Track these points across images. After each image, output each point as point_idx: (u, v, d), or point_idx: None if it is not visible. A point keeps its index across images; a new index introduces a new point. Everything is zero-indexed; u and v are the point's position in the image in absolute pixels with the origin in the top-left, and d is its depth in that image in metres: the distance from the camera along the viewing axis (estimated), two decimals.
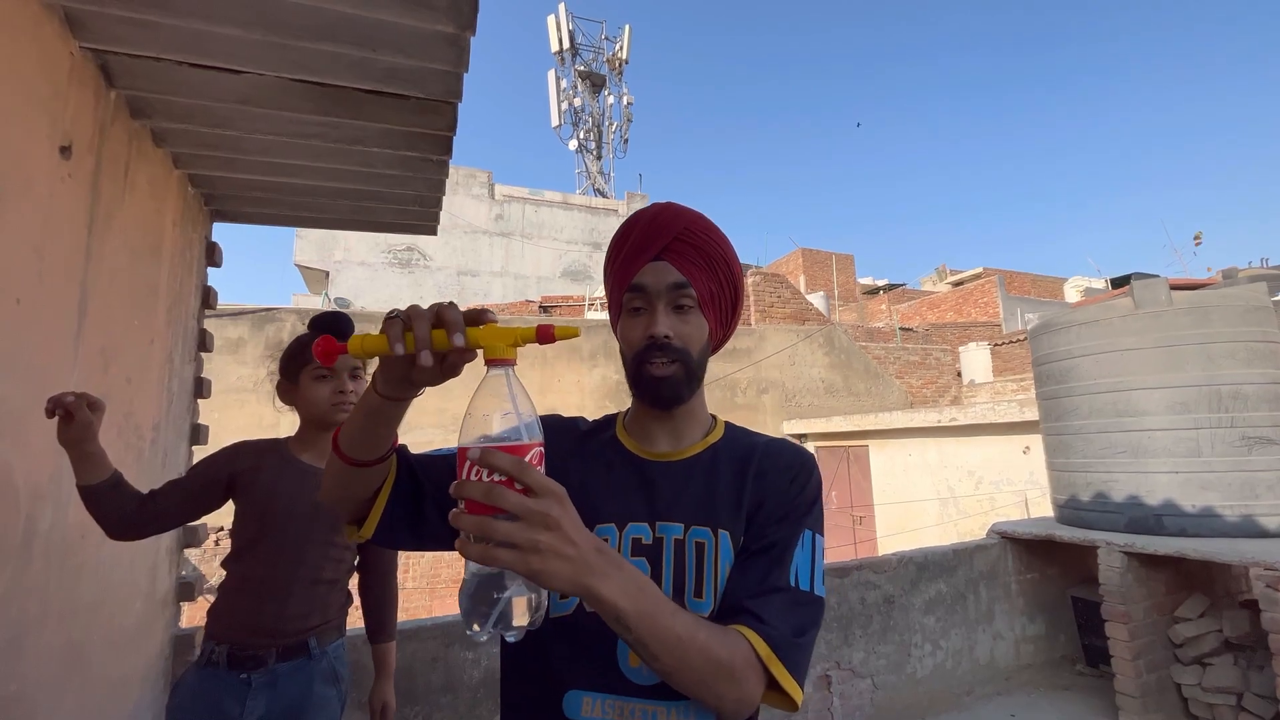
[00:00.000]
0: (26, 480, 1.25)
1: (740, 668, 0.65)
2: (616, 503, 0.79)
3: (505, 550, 0.52)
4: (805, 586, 0.73)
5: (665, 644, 0.60)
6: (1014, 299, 17.96)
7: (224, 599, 1.37)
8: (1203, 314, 3.00)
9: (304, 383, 1.42)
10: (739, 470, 0.80)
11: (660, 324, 0.77)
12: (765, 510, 0.77)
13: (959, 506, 7.56)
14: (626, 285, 0.80)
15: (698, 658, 0.62)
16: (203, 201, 2.27)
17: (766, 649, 0.66)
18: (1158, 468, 2.99)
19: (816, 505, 0.80)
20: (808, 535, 0.76)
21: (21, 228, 1.21)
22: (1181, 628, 2.89)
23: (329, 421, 1.43)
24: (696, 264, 0.80)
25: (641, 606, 0.59)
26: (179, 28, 1.36)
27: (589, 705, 0.71)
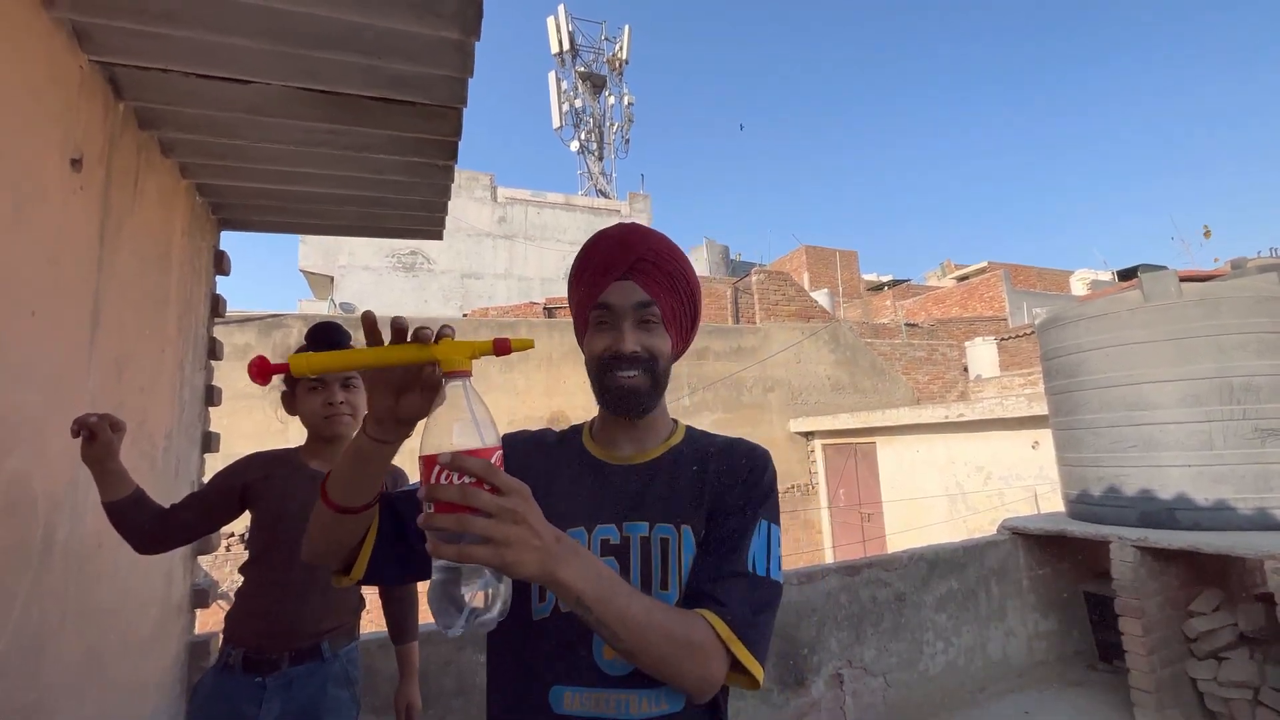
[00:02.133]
0: (44, 489, 1.27)
1: (700, 646, 0.69)
2: (585, 507, 0.84)
3: (480, 547, 0.56)
4: (761, 572, 0.78)
5: (624, 624, 0.65)
6: (1020, 293, 17.87)
7: (240, 604, 1.40)
8: (1213, 305, 2.98)
9: (300, 395, 1.46)
10: (698, 470, 0.86)
11: (627, 341, 0.83)
12: (723, 504, 0.83)
13: (968, 503, 7.52)
14: (593, 302, 0.85)
15: (656, 636, 0.67)
16: (210, 210, 2.29)
17: (726, 629, 0.71)
18: (1170, 461, 2.97)
19: (771, 497, 0.85)
20: (763, 525, 0.81)
21: (36, 240, 1.23)
22: (1196, 622, 2.86)
23: (322, 433, 1.46)
24: (660, 284, 0.85)
25: (600, 590, 0.64)
26: (187, 39, 1.37)
27: (570, 699, 0.75)
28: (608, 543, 0.81)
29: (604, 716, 0.74)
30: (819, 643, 2.89)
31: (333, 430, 1.46)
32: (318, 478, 1.40)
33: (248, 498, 1.42)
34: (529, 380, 9.07)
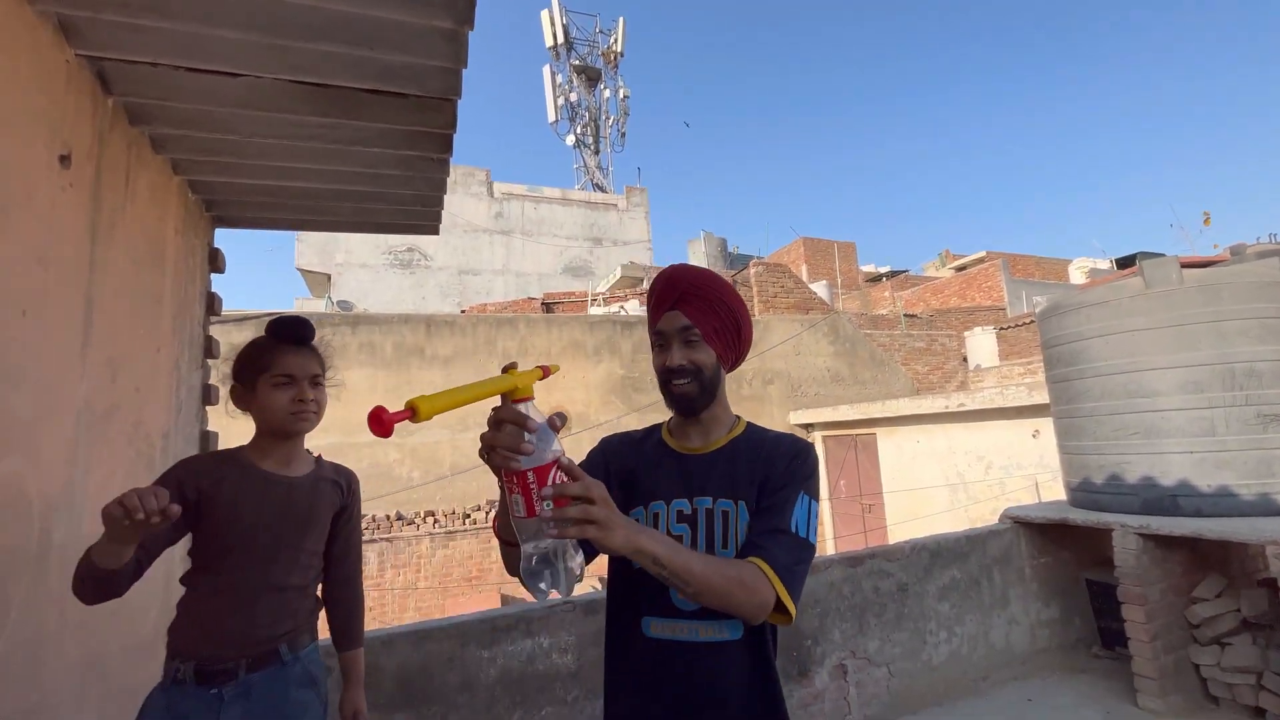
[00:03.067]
0: (40, 492, 1.25)
1: (751, 581, 0.92)
2: (664, 486, 1.10)
3: (591, 526, 0.79)
4: (802, 534, 1.00)
5: (690, 572, 0.88)
6: (1018, 282, 17.85)
7: (186, 614, 1.30)
8: (1214, 292, 2.97)
9: (262, 390, 1.34)
10: (754, 456, 1.08)
11: (675, 357, 1.08)
12: (772, 480, 1.04)
13: (969, 492, 7.54)
14: (653, 329, 1.13)
15: (716, 579, 0.90)
16: (204, 207, 2.26)
17: (771, 571, 0.93)
18: (1172, 448, 2.96)
19: (813, 478, 1.06)
20: (804, 497, 1.03)
21: (25, 239, 1.20)
22: (1199, 608, 2.87)
23: (287, 430, 1.36)
24: (700, 310, 1.09)
25: (669, 552, 0.88)
26: (175, 31, 1.34)
27: (655, 626, 1.03)
28: (681, 513, 1.07)
29: (678, 639, 1.01)
30: (822, 634, 2.89)
31: (297, 427, 1.36)
32: (270, 480, 1.35)
33: (201, 506, 1.29)
34: None
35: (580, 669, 2.40)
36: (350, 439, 8.03)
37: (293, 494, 1.37)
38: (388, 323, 8.60)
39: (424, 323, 8.81)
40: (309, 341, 1.40)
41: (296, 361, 1.36)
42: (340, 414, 8.79)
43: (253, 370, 1.35)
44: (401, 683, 2.16)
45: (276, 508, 1.33)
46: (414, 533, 7.94)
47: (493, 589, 8.07)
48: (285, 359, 1.34)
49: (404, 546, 7.86)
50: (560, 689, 2.37)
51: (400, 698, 2.15)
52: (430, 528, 8.01)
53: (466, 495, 8.42)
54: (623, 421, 9.29)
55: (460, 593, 7.93)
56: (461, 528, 8.13)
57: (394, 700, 2.14)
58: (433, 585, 7.91)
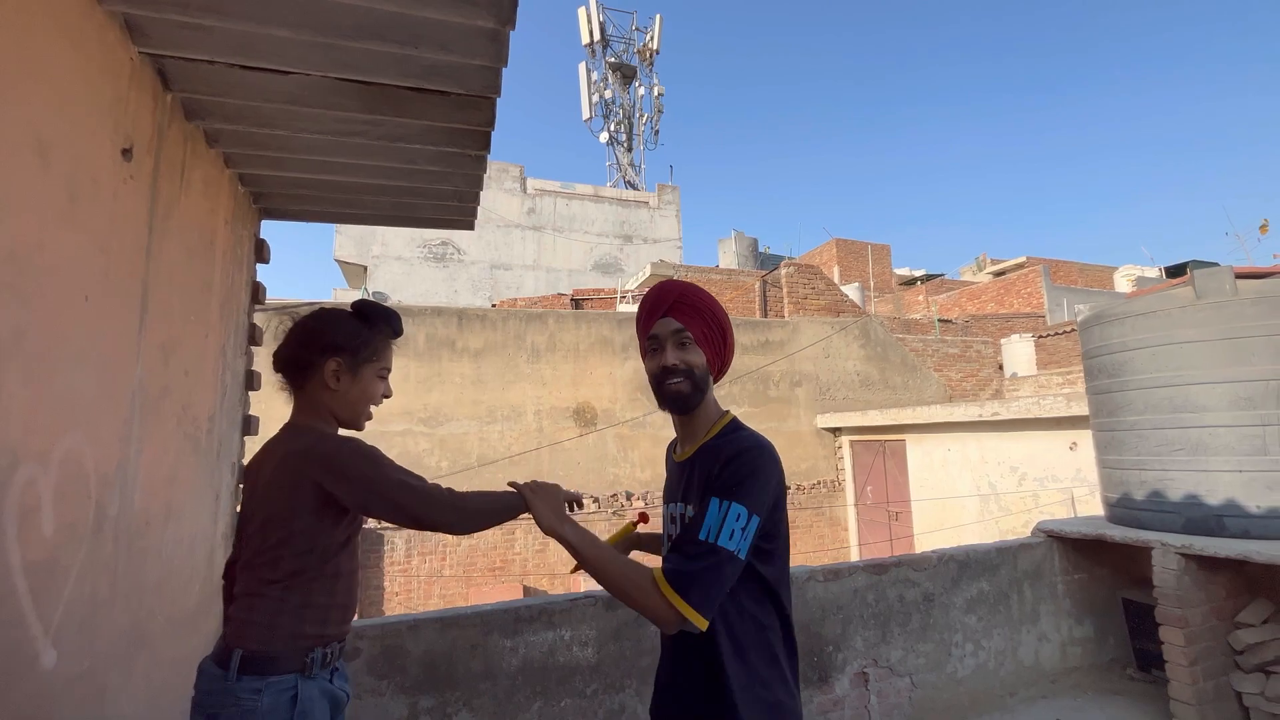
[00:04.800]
0: (96, 468, 1.32)
1: (642, 586, 1.02)
2: (669, 491, 1.28)
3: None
4: (711, 539, 1.02)
5: (599, 571, 1.07)
6: (1059, 289, 17.29)
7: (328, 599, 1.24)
8: (1271, 304, 2.83)
9: (366, 377, 1.32)
10: (708, 461, 1.13)
11: (669, 357, 1.18)
12: (707, 486, 1.09)
13: (1000, 503, 7.34)
14: (647, 335, 1.23)
15: (617, 580, 1.05)
16: (252, 200, 2.34)
17: (660, 578, 1.01)
18: (1219, 466, 2.85)
19: (743, 484, 1.05)
20: (723, 504, 1.04)
21: (89, 228, 1.27)
22: (1243, 634, 2.75)
23: (361, 420, 1.35)
24: (690, 316, 1.20)
25: (584, 545, 1.10)
26: (231, 30, 1.40)
27: None
28: (672, 516, 1.22)
29: None
30: (844, 640, 2.86)
31: (364, 424, 1.36)
32: None
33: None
34: (556, 371, 9.13)
35: (600, 663, 2.42)
36: (383, 427, 8.22)
37: None
38: (421, 314, 8.77)
39: (456, 315, 8.96)
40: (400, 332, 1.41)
41: (392, 356, 1.39)
42: None
43: (363, 354, 1.31)
44: (427, 666, 2.21)
45: None
46: None
47: (516, 580, 8.18)
48: (389, 353, 1.37)
49: (430, 535, 8.02)
50: (580, 682, 2.39)
51: (425, 681, 2.20)
52: None
53: (492, 486, 8.51)
54: (649, 419, 9.31)
55: (484, 582, 8.06)
56: None
57: (419, 683, 2.20)
58: (457, 574, 8.05)
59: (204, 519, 1.97)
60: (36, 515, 1.13)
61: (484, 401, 8.74)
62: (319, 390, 1.29)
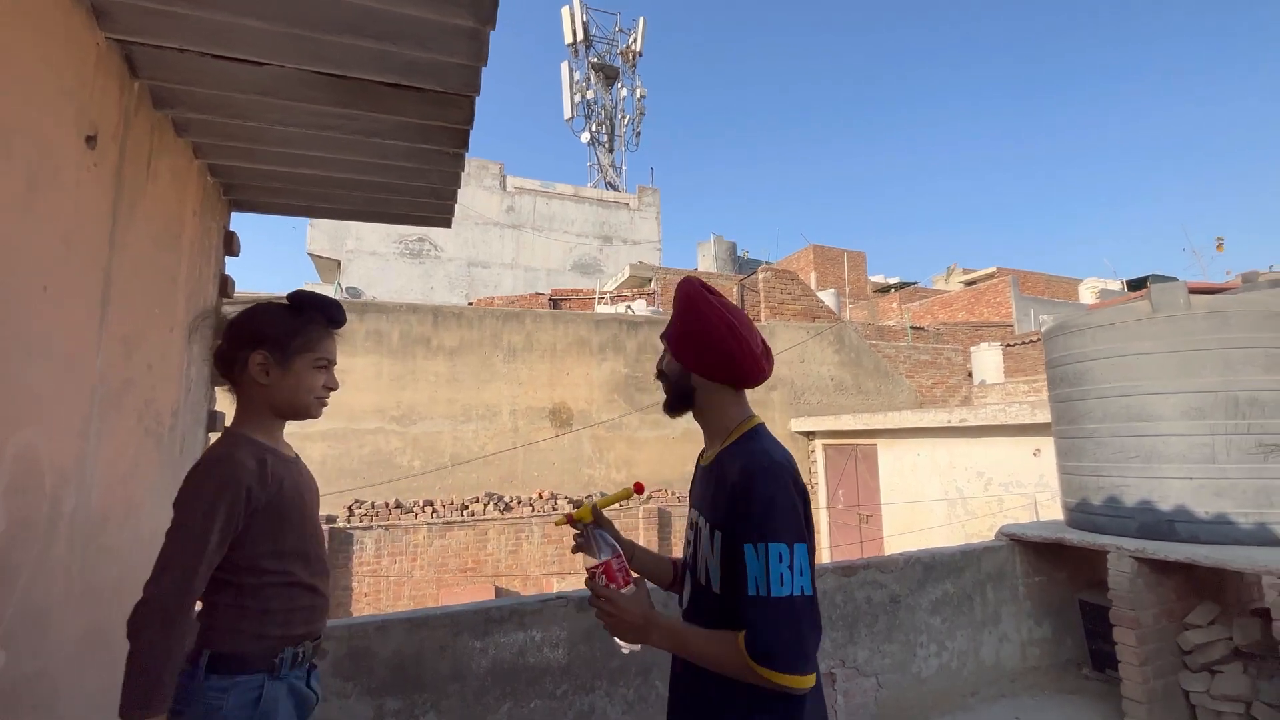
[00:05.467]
0: (52, 463, 1.28)
1: (742, 669, 0.97)
2: (692, 496, 1.26)
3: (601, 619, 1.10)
4: (762, 592, 0.96)
5: (694, 656, 1.04)
6: (1027, 299, 17.78)
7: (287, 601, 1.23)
8: (1221, 319, 2.96)
9: (299, 368, 1.28)
10: (719, 480, 1.09)
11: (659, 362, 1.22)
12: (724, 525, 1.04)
13: (967, 507, 7.52)
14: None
15: (714, 663, 1.01)
16: (221, 191, 2.30)
17: (748, 656, 0.95)
18: (1171, 473, 2.96)
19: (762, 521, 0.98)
20: (754, 549, 0.97)
21: (50, 216, 1.23)
22: (1191, 634, 2.86)
23: (309, 414, 1.32)
24: (671, 322, 1.19)
25: (674, 646, 1.07)
26: (203, 19, 1.37)
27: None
28: (691, 521, 1.21)
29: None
30: None
31: (317, 412, 1.33)
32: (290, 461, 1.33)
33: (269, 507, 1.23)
34: (532, 371, 9.08)
35: (571, 664, 2.42)
36: (353, 425, 8.08)
37: (306, 473, 1.40)
38: (395, 311, 8.65)
39: (431, 313, 8.86)
40: (343, 325, 1.39)
41: (333, 346, 1.35)
42: (345, 400, 8.81)
43: (293, 345, 1.27)
44: (394, 668, 2.19)
45: (308, 487, 1.36)
46: (412, 521, 7.98)
47: (488, 580, 8.11)
48: (328, 343, 1.33)
49: (401, 535, 7.90)
50: (550, 683, 2.39)
51: (392, 683, 2.18)
52: (428, 517, 8.06)
53: (466, 486, 8.46)
54: (624, 421, 9.31)
55: (455, 583, 7.97)
56: (459, 519, 8.17)
57: (386, 685, 2.17)
58: (428, 574, 7.95)
59: (165, 517, 1.91)
60: None
61: (459, 400, 8.65)
62: (251, 386, 1.27)
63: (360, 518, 7.80)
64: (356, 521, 7.77)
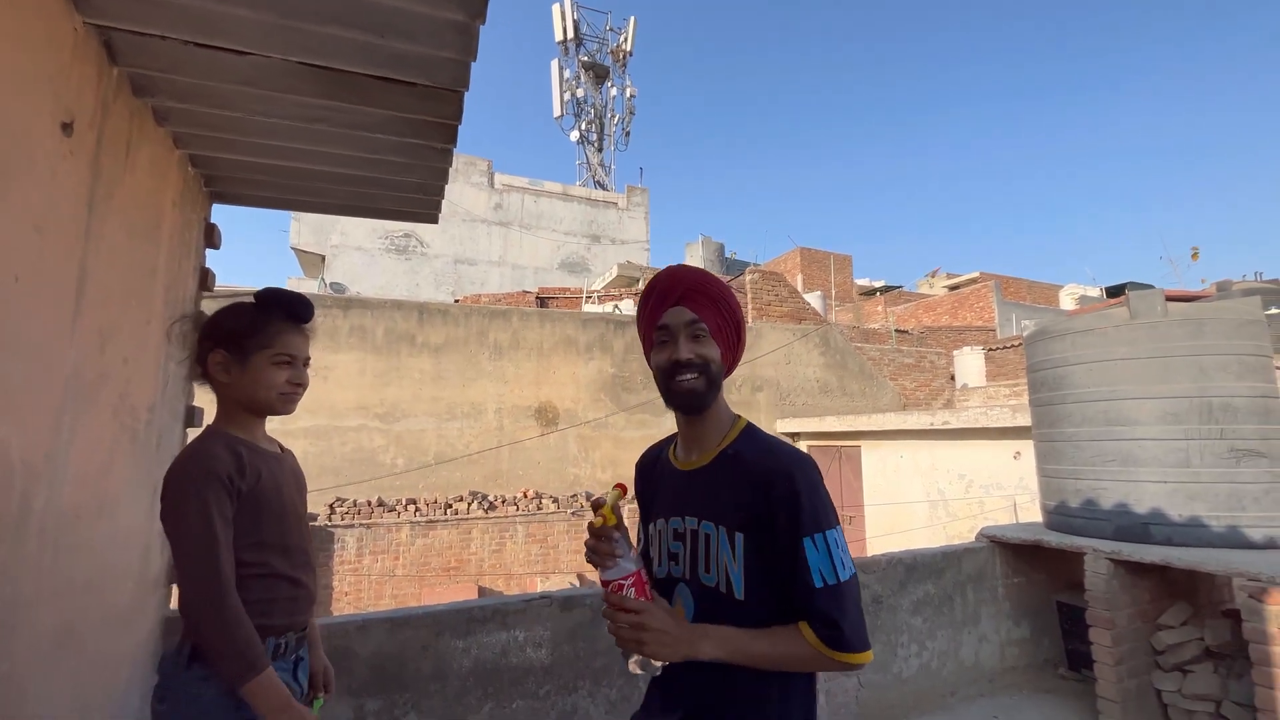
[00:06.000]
0: (22, 458, 1.25)
1: (812, 659, 0.95)
2: (667, 503, 1.13)
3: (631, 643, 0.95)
4: (832, 580, 0.95)
5: (757, 660, 0.96)
6: (1009, 304, 18.06)
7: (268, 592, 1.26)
8: (1197, 326, 3.03)
9: (257, 364, 1.29)
10: (738, 481, 1.03)
11: (683, 350, 1.05)
12: (765, 520, 0.99)
13: (948, 509, 7.61)
14: (655, 325, 1.10)
15: (781, 660, 0.96)
16: (203, 182, 2.25)
17: (824, 646, 0.94)
18: (1147, 477, 3.02)
19: (817, 513, 0.98)
20: (807, 541, 0.96)
21: (23, 204, 1.20)
22: (1164, 635, 2.92)
23: (274, 410, 1.33)
24: (705, 306, 1.08)
25: (732, 652, 0.96)
26: (185, 6, 1.34)
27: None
28: (676, 531, 1.09)
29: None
30: None
31: (286, 408, 1.34)
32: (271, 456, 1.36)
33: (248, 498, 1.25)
34: (518, 369, 9.04)
35: (554, 664, 2.41)
36: (336, 422, 7.99)
37: (291, 466, 1.41)
38: (380, 307, 8.56)
39: (417, 309, 8.78)
40: (310, 321, 1.39)
41: (298, 341, 1.35)
42: (328, 397, 8.71)
43: (250, 343, 1.30)
44: (375, 668, 2.17)
45: (291, 481, 1.38)
46: (394, 520, 7.91)
47: (470, 580, 8.05)
48: (289, 338, 1.33)
49: (383, 533, 7.82)
50: (533, 683, 2.38)
51: (373, 683, 2.15)
52: (411, 516, 7.99)
53: (450, 485, 8.40)
54: (610, 420, 9.30)
55: (438, 582, 7.91)
56: (443, 517, 8.11)
57: (366, 685, 2.14)
58: (410, 574, 7.88)
59: (140, 514, 1.88)
60: None
61: (443, 398, 8.59)
62: (217, 385, 1.32)
63: (342, 516, 7.71)
64: (338, 520, 7.67)
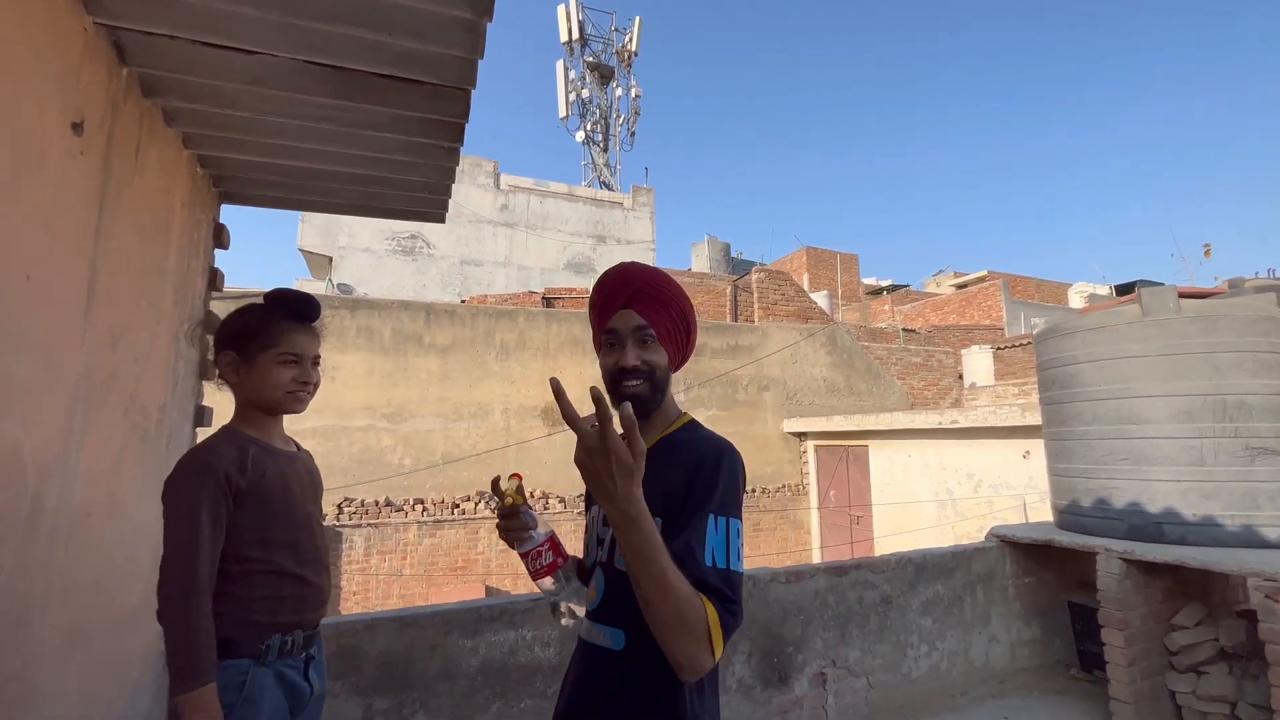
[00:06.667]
0: (34, 458, 1.25)
1: (697, 626, 0.85)
2: None
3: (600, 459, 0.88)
4: (722, 564, 0.91)
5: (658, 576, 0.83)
6: (1017, 303, 17.93)
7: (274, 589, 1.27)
8: (1210, 323, 2.99)
9: (263, 364, 1.32)
10: (664, 464, 1.01)
11: (629, 357, 1.05)
12: (682, 498, 0.97)
13: (957, 509, 7.56)
14: (603, 328, 1.09)
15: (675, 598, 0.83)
16: (211, 183, 2.26)
17: (716, 623, 0.86)
18: (1160, 476, 2.99)
19: (724, 491, 0.96)
20: (711, 518, 0.93)
21: (34, 203, 1.21)
22: (1178, 635, 2.89)
23: (283, 408, 1.35)
24: (654, 310, 1.07)
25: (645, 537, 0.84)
26: (193, 5, 1.34)
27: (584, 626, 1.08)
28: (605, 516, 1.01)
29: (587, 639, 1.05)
30: (804, 641, 2.91)
31: (294, 407, 1.35)
32: (284, 455, 1.38)
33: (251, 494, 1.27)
34: (525, 369, 9.05)
35: (562, 663, 2.41)
36: (343, 422, 8.01)
37: (305, 466, 1.43)
38: (387, 308, 8.58)
39: (424, 310, 8.80)
40: (315, 320, 1.40)
41: (303, 340, 1.37)
42: (335, 397, 8.73)
43: (256, 343, 1.32)
44: (383, 667, 2.17)
45: (302, 479, 1.39)
46: (402, 519, 7.93)
47: (478, 580, 8.07)
48: (294, 337, 1.35)
49: (391, 533, 7.85)
50: (541, 682, 2.38)
51: (381, 682, 2.16)
52: (419, 515, 8.01)
53: (457, 484, 8.41)
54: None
55: (445, 582, 7.93)
56: (450, 517, 8.13)
57: (375, 684, 2.15)
58: (418, 573, 7.90)
59: (150, 513, 1.87)
60: None
61: (450, 398, 8.60)
62: (230, 386, 1.35)
63: (350, 516, 7.74)
64: (346, 520, 7.70)
